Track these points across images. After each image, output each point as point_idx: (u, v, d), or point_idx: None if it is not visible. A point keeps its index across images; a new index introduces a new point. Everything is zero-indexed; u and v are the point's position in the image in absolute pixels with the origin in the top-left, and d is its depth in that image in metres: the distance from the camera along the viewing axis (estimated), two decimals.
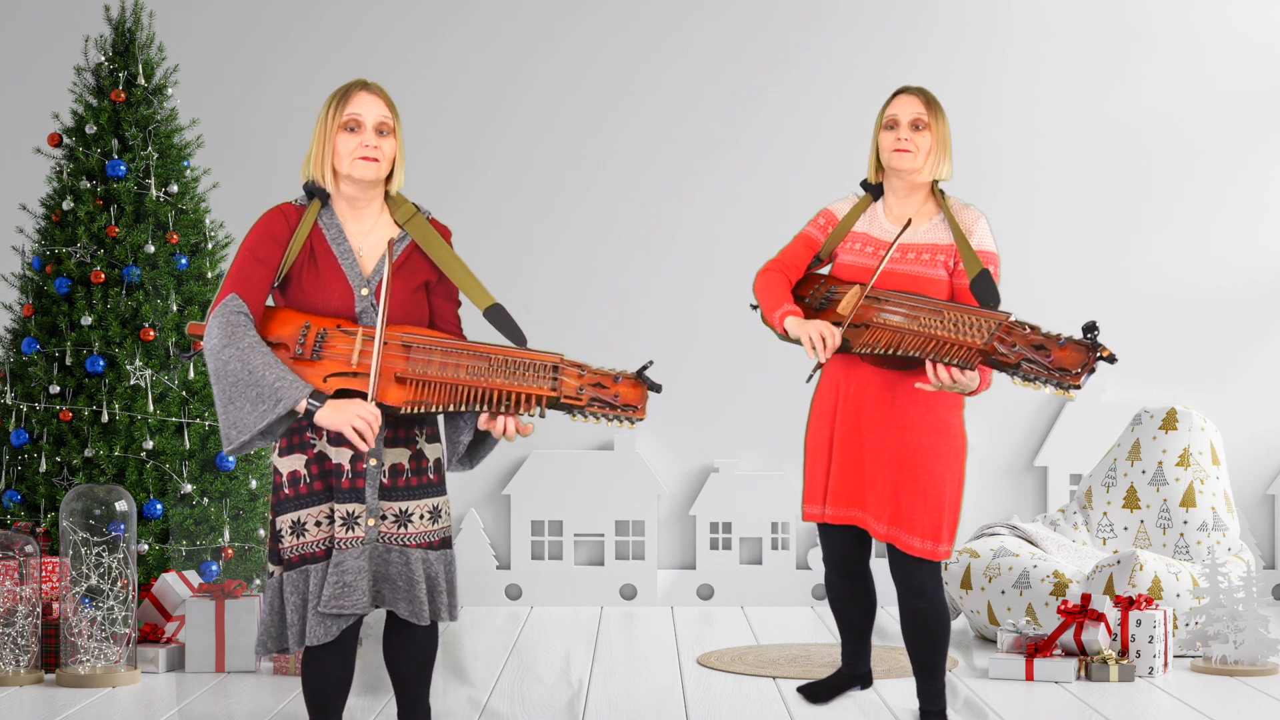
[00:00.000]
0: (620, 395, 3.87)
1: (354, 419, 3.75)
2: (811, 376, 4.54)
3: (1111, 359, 4.06)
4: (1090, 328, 4.08)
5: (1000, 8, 7.79)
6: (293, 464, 3.91)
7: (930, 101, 4.65)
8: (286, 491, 3.90)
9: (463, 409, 3.83)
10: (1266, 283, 7.76)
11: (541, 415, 3.86)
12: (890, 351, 4.35)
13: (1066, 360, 4.10)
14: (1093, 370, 4.07)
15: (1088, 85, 7.77)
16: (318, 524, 3.89)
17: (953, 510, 4.56)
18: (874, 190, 4.75)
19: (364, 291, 3.91)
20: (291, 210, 3.96)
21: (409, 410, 3.82)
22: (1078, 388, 4.08)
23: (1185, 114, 7.76)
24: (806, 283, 4.77)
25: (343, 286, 3.90)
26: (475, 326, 4.19)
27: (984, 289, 4.42)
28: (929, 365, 4.25)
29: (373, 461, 3.89)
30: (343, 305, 3.90)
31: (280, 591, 3.91)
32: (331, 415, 3.76)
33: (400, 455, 3.94)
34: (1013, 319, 4.23)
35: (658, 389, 3.87)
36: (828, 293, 4.66)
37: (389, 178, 3.99)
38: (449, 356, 3.86)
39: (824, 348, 4.42)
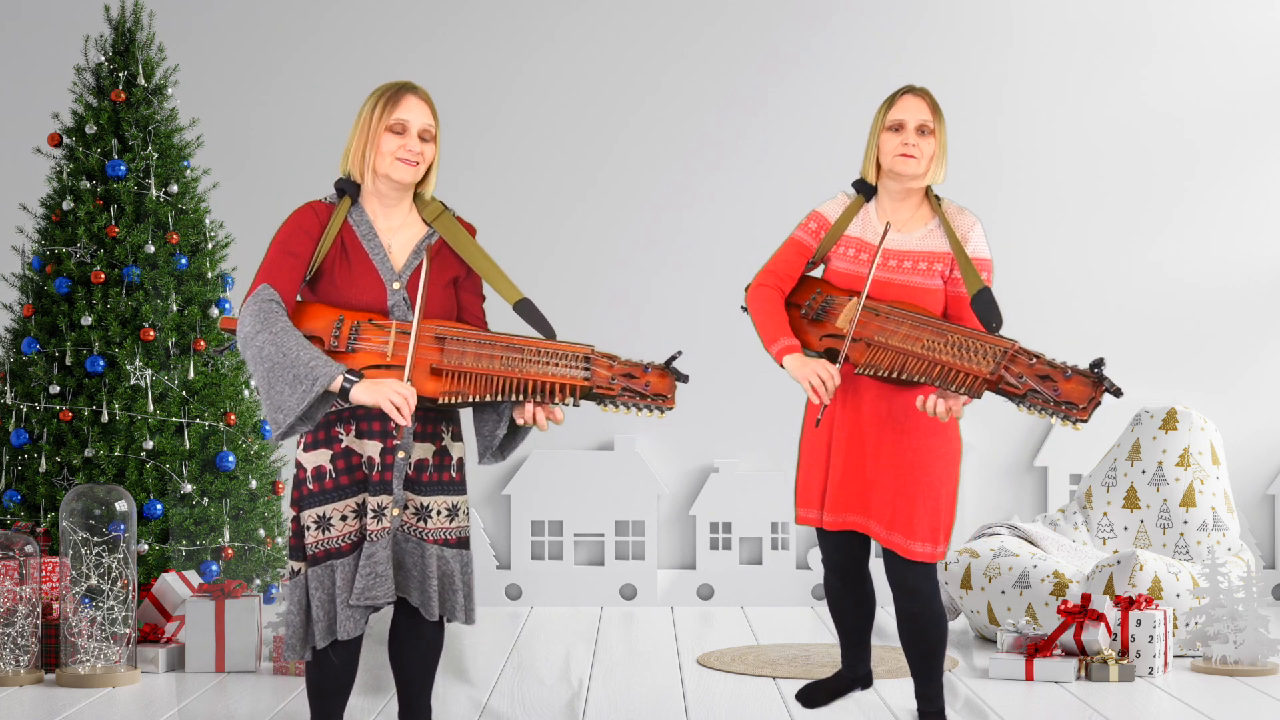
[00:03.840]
0: (650, 385, 3.93)
1: (391, 394, 3.78)
2: (819, 420, 4.51)
3: (1118, 393, 4.06)
4: (1098, 363, 4.09)
5: (1000, 8, 7.79)
6: (318, 459, 3.93)
7: (935, 106, 4.59)
8: (311, 486, 3.92)
9: (499, 399, 3.87)
10: (1267, 283, 7.76)
11: (575, 404, 3.90)
12: (894, 375, 4.33)
13: (1074, 394, 4.09)
14: (1099, 403, 4.07)
15: (1088, 85, 7.77)
16: (343, 518, 3.92)
17: (948, 512, 4.54)
18: (866, 191, 4.67)
19: (395, 286, 3.96)
20: (321, 207, 4.01)
21: (446, 401, 3.86)
22: (1085, 421, 4.08)
23: (1186, 114, 7.76)
24: (801, 289, 4.72)
25: (375, 281, 3.95)
26: (503, 321, 4.22)
27: (985, 307, 4.36)
28: (928, 397, 4.26)
29: (400, 454, 3.92)
30: (375, 300, 3.94)
31: (306, 588, 3.93)
32: (369, 391, 3.79)
33: (425, 451, 3.98)
34: (1019, 347, 4.21)
35: (685, 379, 3.93)
36: (824, 303, 4.61)
37: (422, 180, 4.06)
38: (482, 348, 3.91)
39: (825, 390, 4.43)
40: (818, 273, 4.78)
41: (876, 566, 4.87)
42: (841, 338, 4.46)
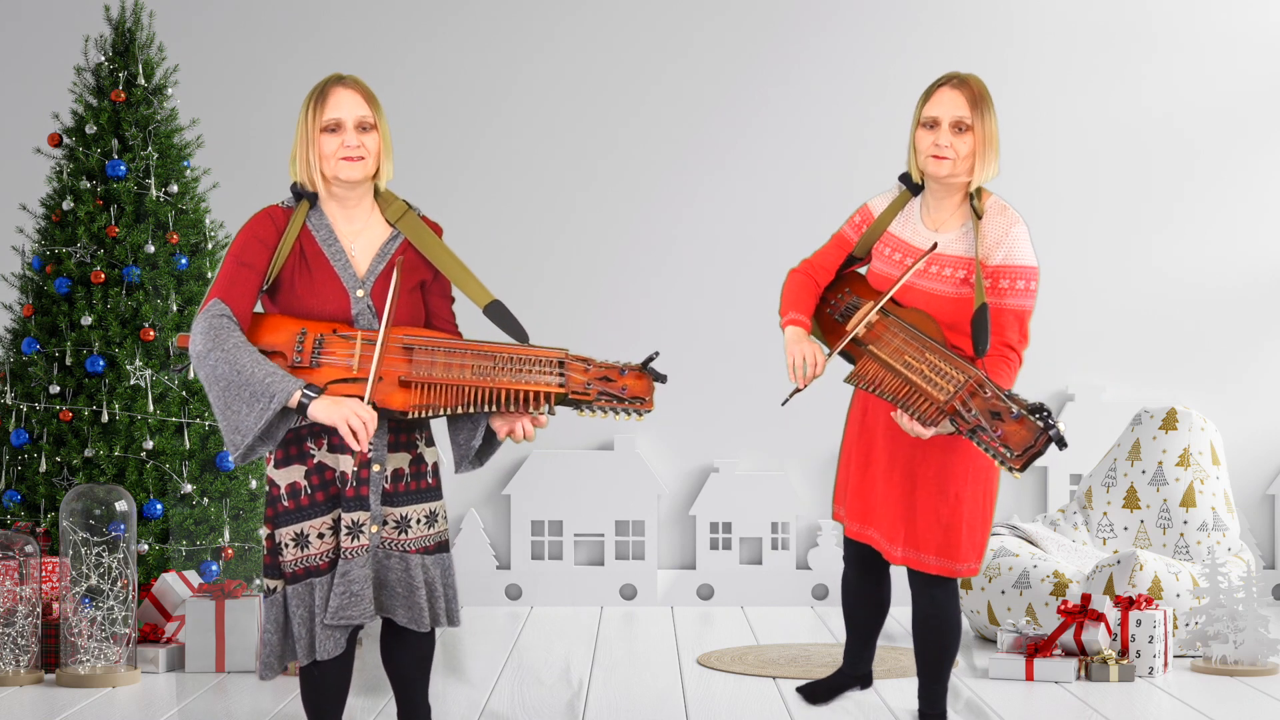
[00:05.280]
0: (628, 388, 3.82)
1: (350, 415, 3.67)
2: (787, 400, 4.39)
3: (1062, 444, 3.94)
4: (1039, 409, 3.97)
5: (1000, 8, 7.79)
6: (291, 475, 3.84)
7: (977, 98, 4.33)
8: (286, 504, 3.83)
9: (470, 410, 3.76)
10: (1267, 283, 7.76)
11: (551, 412, 3.79)
12: (872, 389, 4.24)
13: (1013, 438, 3.96)
14: (1039, 453, 3.95)
15: (1087, 85, 7.77)
16: (320, 536, 3.83)
17: (973, 528, 4.40)
18: (912, 185, 4.49)
19: (359, 293, 3.84)
20: (279, 213, 3.89)
21: (416, 415, 3.75)
22: (1019, 469, 3.95)
23: (1185, 114, 7.76)
24: (837, 286, 4.63)
25: (337, 289, 3.84)
26: (473, 324, 4.17)
27: (978, 328, 4.21)
28: (898, 412, 4.19)
29: (375, 467, 3.82)
30: (338, 309, 3.83)
31: (285, 606, 3.85)
32: (327, 409, 3.68)
33: (401, 460, 3.89)
34: (981, 378, 4.07)
35: (663, 379, 3.84)
36: (849, 304, 4.52)
37: (376, 173, 3.92)
38: (452, 357, 3.79)
39: (803, 375, 4.31)
40: (864, 270, 4.66)
41: (897, 572, 4.84)
42: (853, 342, 4.37)
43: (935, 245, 4.37)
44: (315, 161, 3.86)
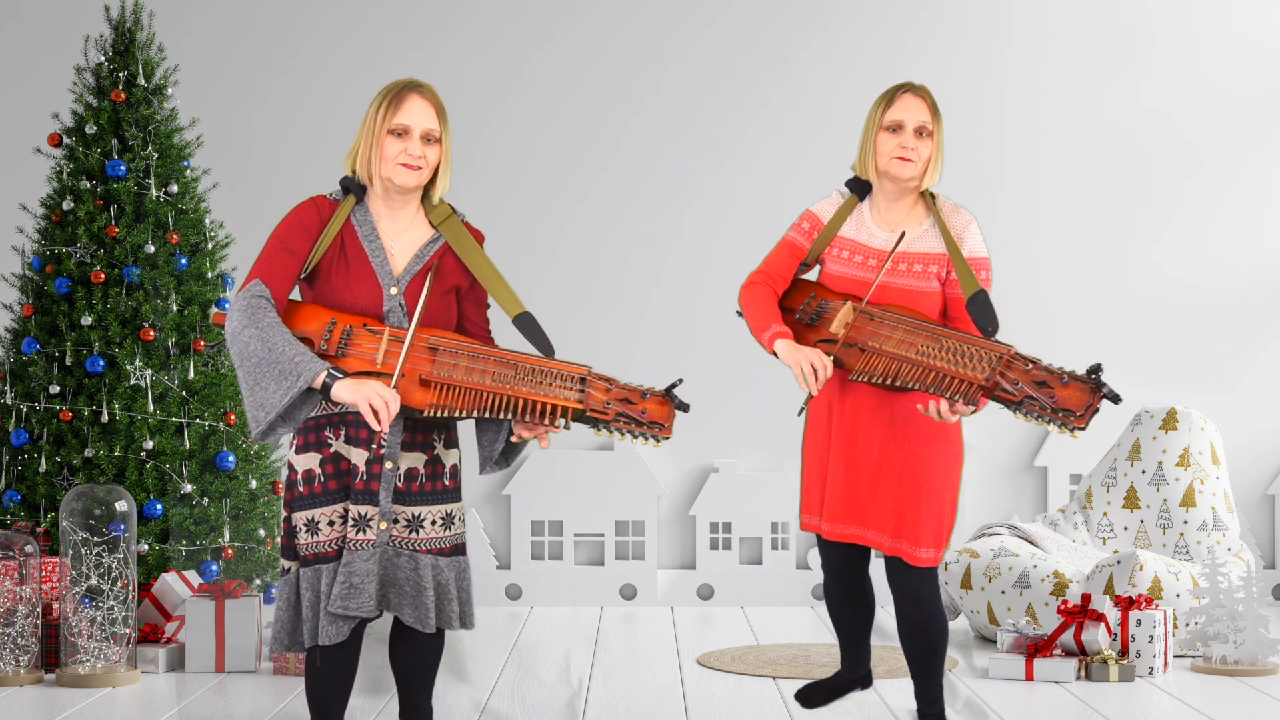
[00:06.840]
0: (648, 412, 3.83)
1: (372, 395, 3.71)
2: (803, 409, 4.43)
3: (1116, 399, 4.01)
4: (1095, 369, 4.04)
5: (1000, 8, 7.79)
6: (308, 462, 3.88)
7: (934, 106, 4.50)
8: (301, 489, 3.88)
9: (486, 416, 3.79)
10: (1268, 283, 7.76)
11: (566, 427, 3.81)
12: (888, 381, 4.28)
13: (1070, 400, 4.04)
14: (1096, 410, 4.02)
15: (1088, 86, 7.77)
16: (330, 524, 3.87)
17: (950, 516, 4.50)
18: (859, 190, 4.59)
19: (393, 291, 3.88)
20: (325, 203, 3.93)
21: (431, 414, 3.78)
22: (1082, 429, 4.03)
23: (1186, 114, 7.76)
24: (795, 293, 4.65)
25: (372, 284, 3.87)
26: (505, 333, 4.17)
27: (981, 311, 4.29)
28: (931, 400, 4.21)
29: (388, 464, 3.86)
30: (371, 303, 3.87)
31: (296, 587, 3.90)
32: (350, 389, 3.71)
33: (416, 460, 3.91)
34: (1014, 352, 4.15)
35: (685, 409, 3.84)
36: (818, 307, 4.55)
37: (431, 181, 3.97)
38: (475, 362, 3.82)
39: (815, 379, 4.35)
40: (813, 275, 4.72)
41: (876, 568, 4.86)
42: (835, 343, 4.40)
43: (904, 234, 4.43)
44: (376, 161, 3.90)
